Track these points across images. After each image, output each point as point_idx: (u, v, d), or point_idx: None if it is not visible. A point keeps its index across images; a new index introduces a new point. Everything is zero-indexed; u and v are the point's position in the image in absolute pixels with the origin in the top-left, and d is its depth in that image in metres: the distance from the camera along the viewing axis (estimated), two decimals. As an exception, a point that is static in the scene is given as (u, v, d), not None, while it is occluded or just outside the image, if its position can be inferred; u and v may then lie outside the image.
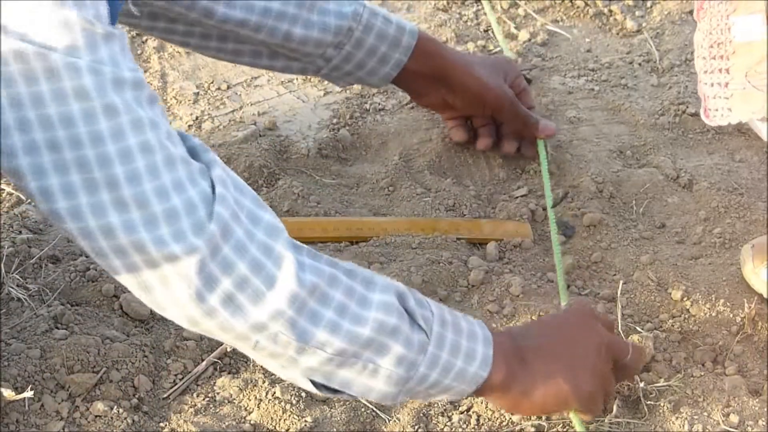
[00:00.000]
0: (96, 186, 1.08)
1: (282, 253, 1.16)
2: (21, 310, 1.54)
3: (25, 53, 1.04)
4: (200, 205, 1.11)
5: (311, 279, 1.17)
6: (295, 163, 1.92)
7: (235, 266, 1.13)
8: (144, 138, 1.09)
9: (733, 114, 1.34)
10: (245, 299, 1.14)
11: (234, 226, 1.13)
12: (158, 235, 1.09)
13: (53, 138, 1.06)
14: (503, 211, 1.80)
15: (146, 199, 1.09)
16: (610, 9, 2.37)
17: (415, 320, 1.23)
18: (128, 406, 1.42)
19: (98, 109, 1.07)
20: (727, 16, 1.32)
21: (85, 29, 1.06)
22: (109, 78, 1.08)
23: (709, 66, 1.34)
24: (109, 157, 1.07)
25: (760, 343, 1.55)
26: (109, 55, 1.08)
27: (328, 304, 1.18)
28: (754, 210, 1.79)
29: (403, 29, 1.68)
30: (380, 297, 1.21)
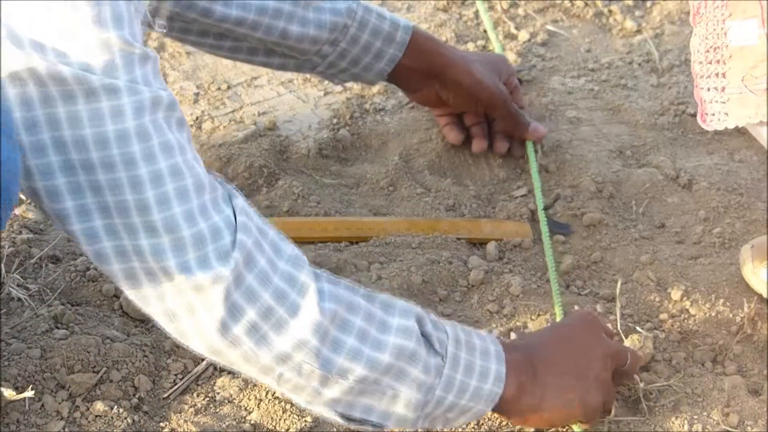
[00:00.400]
0: (127, 208, 1.08)
1: (306, 283, 1.16)
2: (21, 310, 1.54)
3: (64, 74, 1.05)
4: (225, 231, 1.12)
5: (331, 306, 1.17)
6: (295, 163, 1.92)
7: (259, 296, 1.13)
8: (174, 162, 1.10)
9: (729, 118, 1.34)
10: (269, 329, 1.14)
11: (257, 255, 1.14)
12: (185, 261, 1.10)
13: (88, 160, 1.07)
14: (503, 211, 1.80)
15: (176, 224, 1.09)
16: (610, 9, 2.37)
17: (431, 344, 1.24)
18: (128, 406, 1.42)
19: (132, 131, 1.07)
20: (723, 20, 1.32)
21: (123, 50, 1.07)
22: (147, 98, 1.08)
23: (706, 71, 1.34)
24: (140, 180, 1.08)
25: (760, 343, 1.55)
26: (144, 76, 1.09)
27: (349, 331, 1.18)
28: (754, 210, 1.79)
29: (397, 25, 1.68)
30: (399, 321, 1.22)
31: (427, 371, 1.22)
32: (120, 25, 1.07)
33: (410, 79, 1.76)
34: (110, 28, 1.06)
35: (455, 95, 1.77)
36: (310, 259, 1.65)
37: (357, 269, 1.66)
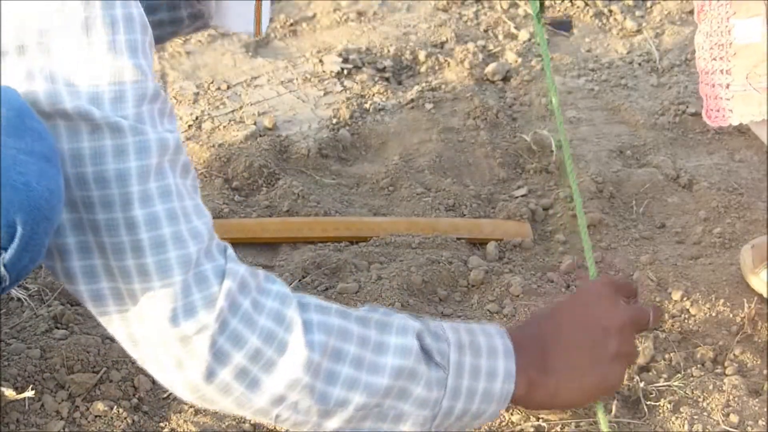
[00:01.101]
0: (122, 250, 1.07)
1: (293, 318, 1.14)
2: (21, 310, 1.54)
3: (66, 111, 1.03)
4: (214, 279, 1.10)
5: (320, 338, 1.14)
6: (295, 163, 1.92)
7: (246, 339, 1.11)
8: (170, 206, 1.08)
9: (734, 115, 1.34)
10: (259, 371, 1.12)
11: (241, 298, 1.12)
12: (173, 308, 1.08)
13: (89, 197, 1.06)
14: (503, 211, 1.80)
15: (169, 268, 1.08)
16: (610, 9, 2.37)
17: (432, 358, 1.19)
18: (128, 405, 1.41)
19: (133, 171, 1.06)
20: (727, 18, 1.32)
21: (135, 82, 1.06)
22: (152, 139, 1.07)
23: (711, 67, 1.34)
24: (135, 222, 1.07)
25: (760, 343, 1.55)
26: (150, 113, 1.08)
27: (343, 360, 1.15)
28: (754, 210, 1.79)
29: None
30: (396, 340, 1.18)
31: (430, 387, 1.18)
32: (135, 54, 1.06)
33: None
34: (124, 56, 1.05)
35: None
36: (310, 259, 1.66)
37: (357, 269, 1.66)
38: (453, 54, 2.22)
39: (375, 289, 1.60)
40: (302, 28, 2.34)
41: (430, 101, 2.09)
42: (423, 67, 2.20)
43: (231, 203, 1.80)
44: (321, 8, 2.39)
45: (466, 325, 1.24)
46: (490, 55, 2.21)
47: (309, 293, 1.60)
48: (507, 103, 2.10)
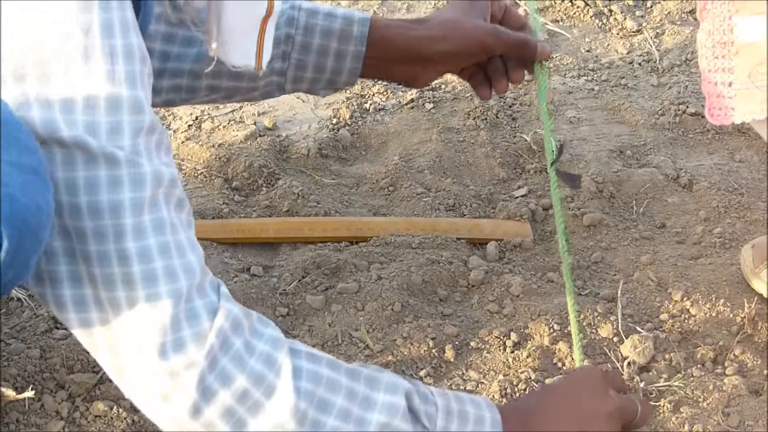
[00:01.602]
0: (113, 281, 1.06)
1: (284, 363, 1.13)
2: (21, 310, 1.54)
3: (63, 140, 1.02)
4: (205, 316, 1.10)
5: (308, 387, 1.14)
6: (295, 163, 1.92)
7: (234, 378, 1.10)
8: (164, 240, 1.08)
9: (736, 113, 1.34)
10: (245, 412, 1.11)
11: (233, 338, 1.11)
12: (162, 343, 1.08)
13: (81, 227, 1.05)
14: (503, 211, 1.80)
15: (159, 302, 1.07)
16: (610, 9, 2.37)
17: (419, 420, 1.18)
18: (128, 406, 1.41)
19: (126, 203, 1.05)
20: (729, 17, 1.32)
21: (131, 113, 1.05)
22: (147, 172, 1.06)
23: (713, 65, 1.34)
24: (128, 255, 1.06)
25: (760, 343, 1.55)
26: (146, 145, 1.07)
27: (329, 411, 1.14)
28: (754, 210, 1.79)
29: (351, 20, 1.53)
30: (384, 397, 1.17)
31: None
32: (133, 85, 1.05)
33: (393, 69, 1.58)
34: (123, 87, 1.04)
35: (449, 63, 1.58)
36: (310, 259, 1.66)
37: (357, 269, 1.66)
38: (453, 54, 2.22)
39: (375, 289, 1.60)
40: (302, 28, 2.34)
41: (430, 101, 2.09)
42: (423, 67, 2.19)
43: (231, 203, 1.80)
44: (321, 8, 2.39)
45: (456, 393, 1.23)
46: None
47: (309, 293, 1.61)
48: (507, 103, 2.10)
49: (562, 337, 1.54)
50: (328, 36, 1.52)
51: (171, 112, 2.03)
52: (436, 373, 1.50)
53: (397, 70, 1.55)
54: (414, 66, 1.54)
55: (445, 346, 1.52)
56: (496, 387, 1.46)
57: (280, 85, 1.55)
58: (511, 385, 1.46)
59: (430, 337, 1.53)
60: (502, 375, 1.48)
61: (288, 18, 1.50)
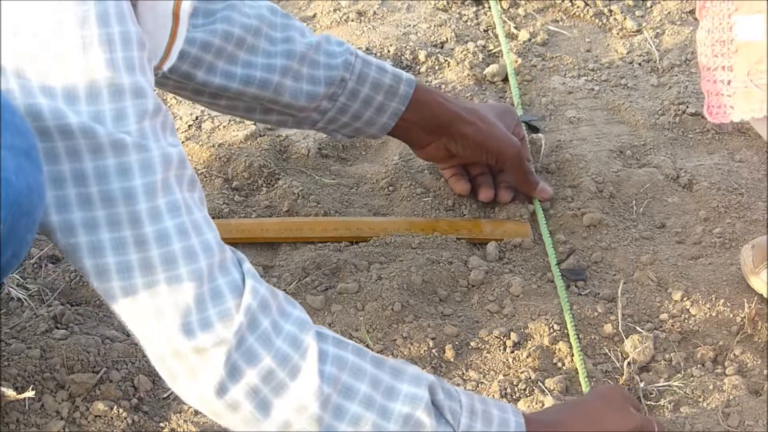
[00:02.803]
0: (130, 268, 1.07)
1: (310, 345, 1.14)
2: (21, 310, 1.54)
3: (71, 126, 1.03)
4: (229, 294, 1.11)
5: (332, 371, 1.14)
6: (295, 163, 1.92)
7: (260, 358, 1.11)
8: (180, 221, 1.09)
9: (735, 112, 1.34)
10: (269, 392, 1.12)
11: (261, 317, 1.12)
12: (187, 323, 1.08)
13: (93, 217, 1.06)
14: (503, 211, 1.80)
15: (180, 283, 1.08)
16: (610, 9, 2.37)
17: (442, 414, 1.18)
18: (128, 406, 1.41)
19: (139, 189, 1.06)
20: (728, 15, 1.32)
21: (135, 98, 1.06)
22: (155, 155, 1.07)
23: (712, 63, 1.34)
24: (145, 239, 1.07)
25: (760, 343, 1.55)
26: (153, 128, 1.08)
27: (353, 397, 1.14)
28: (754, 210, 1.79)
29: (399, 78, 1.62)
30: (408, 389, 1.17)
31: None
32: (133, 71, 1.06)
33: (416, 133, 1.69)
34: (123, 73, 1.05)
35: (464, 147, 1.70)
36: (310, 259, 1.66)
37: (357, 269, 1.66)
38: (453, 54, 2.22)
39: (375, 289, 1.60)
40: (302, 28, 2.34)
41: (430, 101, 2.09)
42: (423, 67, 2.19)
43: (231, 203, 1.80)
44: (321, 8, 2.39)
45: (481, 396, 1.24)
46: (490, 55, 2.21)
47: (309, 293, 1.61)
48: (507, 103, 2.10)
49: (562, 337, 1.54)
50: (377, 88, 1.61)
51: (171, 112, 2.03)
52: (436, 373, 1.50)
53: (417, 135, 1.67)
54: (432, 135, 1.66)
55: (445, 346, 1.52)
56: (496, 387, 1.46)
57: (314, 121, 1.64)
58: (511, 385, 1.46)
59: (430, 337, 1.53)
60: (502, 375, 1.48)
61: (345, 62, 1.59)
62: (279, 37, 1.55)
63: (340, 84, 1.59)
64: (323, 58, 1.58)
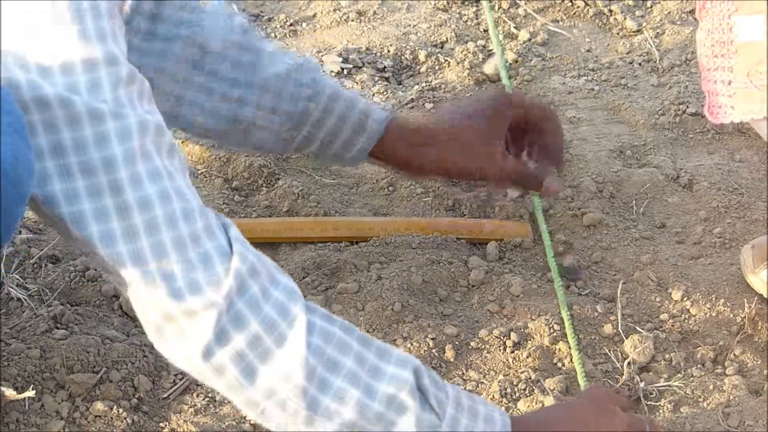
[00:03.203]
0: (113, 237, 1.07)
1: (297, 315, 1.14)
2: (21, 310, 1.54)
3: (48, 98, 1.03)
4: (217, 258, 1.10)
5: (319, 343, 1.14)
6: (295, 163, 1.92)
7: (248, 323, 1.11)
8: (162, 187, 1.09)
9: (735, 112, 1.34)
10: (255, 357, 1.12)
11: (251, 283, 1.12)
12: (176, 288, 1.08)
13: (74, 188, 1.06)
14: (503, 211, 1.80)
15: (164, 251, 1.08)
16: (610, 9, 2.37)
17: (427, 400, 1.18)
18: (128, 406, 1.41)
19: (119, 156, 1.06)
20: (728, 15, 1.32)
21: (108, 67, 1.06)
22: (132, 123, 1.07)
23: (713, 63, 1.34)
24: (128, 206, 1.07)
25: (760, 343, 1.55)
26: (129, 96, 1.08)
27: (338, 371, 1.14)
28: (755, 210, 1.79)
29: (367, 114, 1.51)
30: (394, 370, 1.17)
31: (420, 427, 1.16)
32: (104, 40, 1.06)
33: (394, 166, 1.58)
34: (95, 43, 1.05)
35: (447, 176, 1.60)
36: (310, 259, 1.66)
37: (357, 269, 1.66)
38: (453, 54, 2.22)
39: (375, 289, 1.60)
40: (302, 28, 2.34)
41: (430, 101, 2.09)
42: (423, 67, 2.19)
43: (231, 203, 1.80)
44: (321, 8, 2.39)
45: (468, 392, 1.23)
46: (491, 55, 2.21)
47: (309, 293, 1.61)
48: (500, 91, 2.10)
49: (562, 337, 1.54)
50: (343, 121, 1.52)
51: (171, 112, 2.03)
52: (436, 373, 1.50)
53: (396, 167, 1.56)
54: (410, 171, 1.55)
55: (445, 346, 1.52)
56: (496, 387, 1.46)
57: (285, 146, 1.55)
58: (511, 385, 1.46)
59: (430, 337, 1.53)
60: (502, 375, 1.48)
61: (312, 95, 1.49)
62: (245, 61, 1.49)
63: (302, 115, 1.50)
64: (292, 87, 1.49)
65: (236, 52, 1.46)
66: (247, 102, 1.47)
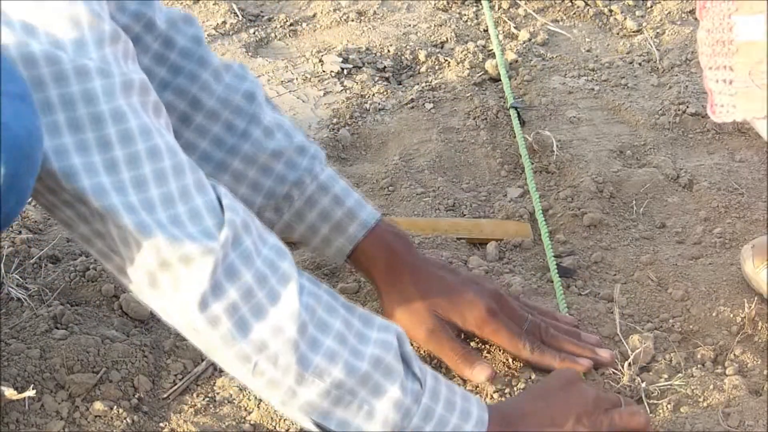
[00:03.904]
0: (105, 191, 1.08)
1: (287, 273, 1.15)
2: (21, 310, 1.53)
3: (34, 56, 1.04)
4: (207, 213, 1.11)
5: (310, 302, 1.16)
6: (295, 163, 1.92)
7: (241, 275, 1.12)
8: (152, 144, 1.09)
9: (737, 111, 1.34)
10: (248, 310, 1.13)
11: (244, 235, 1.13)
12: (172, 235, 1.09)
13: (62, 144, 1.07)
14: (503, 211, 1.80)
15: (153, 206, 1.09)
16: (611, 9, 2.37)
17: (410, 367, 1.21)
18: (128, 406, 1.41)
19: (107, 114, 1.07)
20: (729, 15, 1.32)
21: (92, 25, 1.06)
22: (117, 81, 1.08)
23: (713, 62, 1.34)
24: (116, 162, 1.08)
25: (760, 343, 1.54)
26: (114, 55, 1.09)
27: (328, 332, 1.16)
28: (754, 210, 1.79)
29: (354, 216, 1.44)
30: (378, 335, 1.19)
31: (405, 392, 1.19)
32: None
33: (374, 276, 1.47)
34: (78, 2, 1.05)
35: None
36: (310, 260, 1.66)
37: (357, 269, 1.66)
38: (453, 54, 2.22)
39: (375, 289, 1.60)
40: (302, 28, 2.34)
41: (430, 101, 2.09)
42: (423, 67, 2.19)
43: (231, 203, 1.80)
44: (321, 8, 2.39)
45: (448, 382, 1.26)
46: (491, 55, 2.21)
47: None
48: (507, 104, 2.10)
49: (562, 337, 1.53)
50: (324, 218, 1.45)
51: (171, 112, 2.03)
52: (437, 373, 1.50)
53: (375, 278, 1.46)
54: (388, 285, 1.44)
55: (445, 346, 1.52)
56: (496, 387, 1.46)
57: None
58: (510, 386, 1.46)
59: (430, 337, 1.53)
60: (502, 375, 1.48)
61: (298, 180, 1.44)
62: (239, 128, 1.43)
63: (286, 198, 1.45)
64: (282, 166, 1.44)
65: (231, 115, 1.42)
66: (226, 168, 1.43)
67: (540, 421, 1.28)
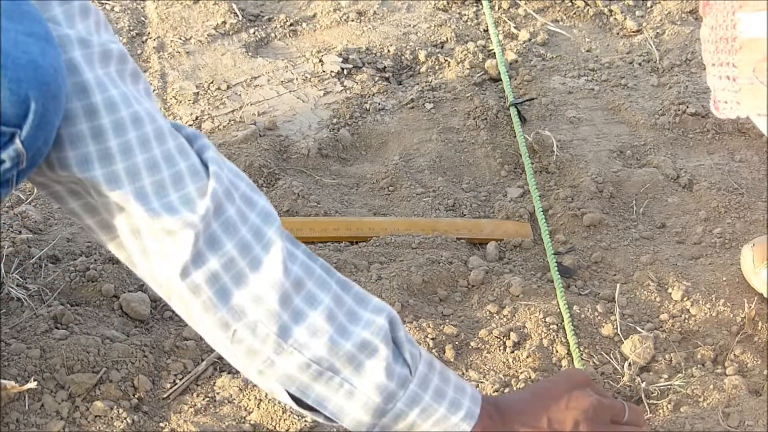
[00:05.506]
0: (90, 161, 1.09)
1: (272, 239, 1.15)
2: (21, 310, 1.54)
3: None
4: (189, 178, 1.12)
5: (298, 272, 1.15)
6: (295, 163, 1.92)
7: (222, 245, 1.12)
8: (133, 111, 1.10)
9: (741, 107, 1.34)
10: (229, 279, 1.13)
11: (227, 205, 1.13)
12: (151, 208, 1.10)
13: None
14: (503, 211, 1.80)
15: (137, 172, 1.10)
16: (611, 9, 2.37)
17: (401, 352, 1.18)
18: (128, 406, 1.41)
19: (91, 83, 1.08)
20: (732, 12, 1.31)
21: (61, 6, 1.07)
22: (96, 51, 1.09)
23: (717, 59, 1.34)
24: (103, 130, 1.09)
25: (760, 343, 1.55)
26: (87, 28, 1.09)
27: (315, 306, 1.15)
28: (754, 210, 1.79)
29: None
30: (370, 316, 1.17)
31: (390, 376, 1.16)
32: None
33: None
34: None
35: None
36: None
37: (357, 269, 1.66)
38: (453, 54, 2.22)
39: (375, 289, 1.60)
40: (302, 28, 2.34)
41: (430, 101, 2.09)
42: (423, 67, 2.19)
43: (231, 203, 1.80)
44: (321, 8, 2.39)
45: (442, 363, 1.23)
46: (491, 55, 2.21)
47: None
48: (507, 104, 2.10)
49: (561, 337, 1.54)
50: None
51: (171, 112, 2.03)
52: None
53: None
54: None
55: (445, 346, 1.52)
56: (496, 387, 1.46)
57: None
58: (510, 386, 1.46)
59: (430, 337, 1.53)
60: (502, 375, 1.48)
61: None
62: None
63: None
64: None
65: None
66: None
67: (536, 421, 1.26)
